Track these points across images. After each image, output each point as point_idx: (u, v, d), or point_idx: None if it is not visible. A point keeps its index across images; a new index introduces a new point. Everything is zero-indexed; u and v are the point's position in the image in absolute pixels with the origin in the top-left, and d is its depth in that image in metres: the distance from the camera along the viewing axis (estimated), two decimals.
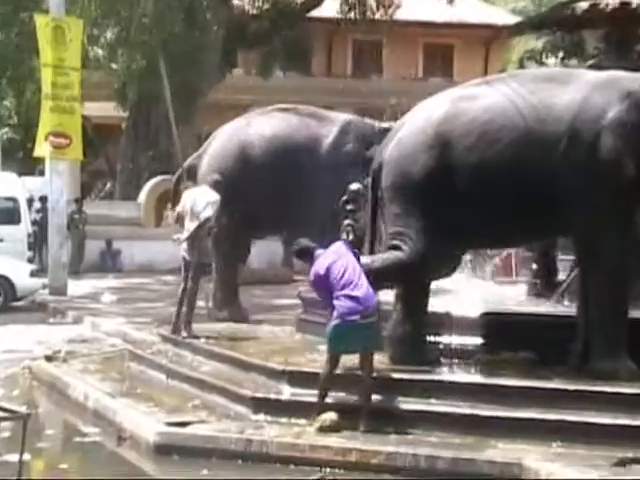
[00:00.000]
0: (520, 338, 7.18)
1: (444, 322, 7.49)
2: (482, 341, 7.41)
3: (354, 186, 8.86)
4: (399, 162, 7.31)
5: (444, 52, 29.12)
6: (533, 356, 7.16)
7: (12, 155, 26.75)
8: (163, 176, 20.51)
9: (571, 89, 7.03)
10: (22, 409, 5.71)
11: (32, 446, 6.37)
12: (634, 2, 9.11)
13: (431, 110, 7.40)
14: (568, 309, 7.60)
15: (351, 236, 8.22)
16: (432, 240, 7.05)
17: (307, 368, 7.26)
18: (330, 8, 23.92)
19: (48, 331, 12.52)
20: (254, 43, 23.50)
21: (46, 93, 15.86)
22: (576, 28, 10.63)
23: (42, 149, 16.07)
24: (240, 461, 6.46)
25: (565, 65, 12.35)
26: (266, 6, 23.58)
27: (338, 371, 6.82)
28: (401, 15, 24.29)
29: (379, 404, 6.75)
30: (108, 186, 26.01)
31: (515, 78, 7.43)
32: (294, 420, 6.83)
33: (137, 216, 21.17)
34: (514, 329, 7.25)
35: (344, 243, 7.26)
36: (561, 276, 8.61)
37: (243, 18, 23.44)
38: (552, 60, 14.49)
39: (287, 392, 7.10)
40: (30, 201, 19.06)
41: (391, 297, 7.44)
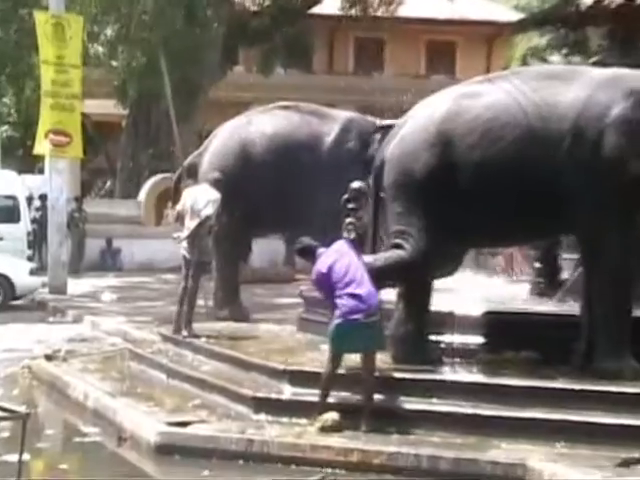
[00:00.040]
0: (523, 337, 7.15)
1: (446, 321, 7.46)
2: (485, 340, 7.38)
3: (356, 184, 8.82)
4: (401, 160, 7.29)
5: (446, 49, 29.06)
6: (536, 355, 7.13)
7: (12, 153, 26.72)
8: (163, 174, 20.50)
9: (575, 87, 7.00)
10: (21, 409, 5.68)
11: (32, 446, 6.34)
12: None
13: (433, 108, 7.37)
14: (571, 308, 7.56)
15: (353, 234, 8.18)
16: (434, 238, 7.03)
17: (308, 367, 7.23)
18: (331, 5, 23.90)
19: (48, 330, 12.49)
20: (255, 40, 23.45)
21: (46, 90, 15.83)
22: (580, 25, 10.61)
23: (42, 147, 16.04)
24: (241, 461, 6.43)
25: (569, 62, 12.30)
26: (267, 3, 23.56)
27: (340, 371, 6.79)
28: (403, 12, 24.28)
29: (381, 404, 6.72)
30: (108, 184, 25.99)
31: (518, 75, 7.40)
32: (295, 420, 6.79)
33: (137, 214, 21.16)
34: (517, 328, 7.22)
35: (346, 241, 7.23)
36: (564, 275, 8.59)
37: (244, 15, 23.39)
38: (555, 57, 14.44)
39: (288, 392, 7.07)
40: (30, 199, 19.05)
41: (393, 296, 7.41)
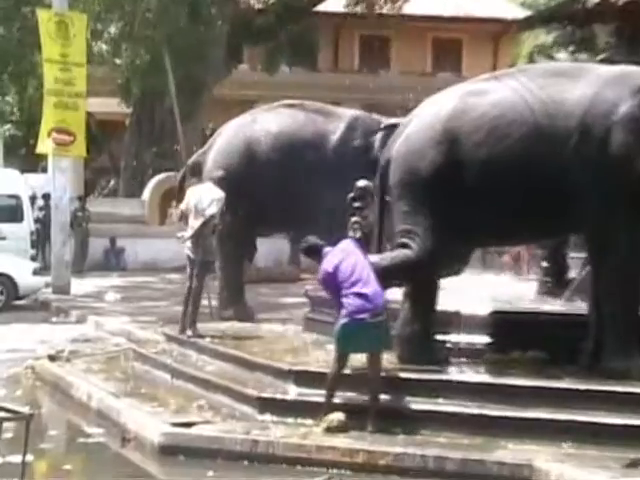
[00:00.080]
0: (530, 337, 7.12)
1: (453, 321, 7.42)
2: (491, 340, 7.34)
3: (361, 183, 8.79)
4: (407, 158, 7.26)
5: (452, 47, 29.00)
6: (543, 355, 7.09)
7: (14, 152, 26.73)
8: (167, 173, 20.47)
9: (582, 84, 6.96)
10: (25, 409, 5.68)
11: (35, 447, 6.33)
12: None
13: (439, 106, 7.34)
14: (579, 307, 7.53)
15: (359, 233, 8.16)
16: (441, 238, 6.99)
17: (314, 368, 7.20)
18: (337, 2, 23.85)
19: (51, 330, 12.48)
20: (260, 38, 23.40)
21: (49, 89, 15.80)
22: (587, 22, 10.59)
23: (45, 146, 16.00)
24: (246, 462, 6.40)
25: (575, 60, 12.27)
26: (272, 0, 23.49)
27: (346, 371, 6.75)
28: (408, 9, 24.18)
29: (387, 404, 6.69)
30: (112, 183, 25.97)
31: (524, 73, 7.38)
32: (301, 420, 6.77)
33: (141, 214, 21.14)
34: (524, 328, 7.20)
35: (352, 240, 7.21)
36: (572, 274, 8.55)
37: (248, 13, 23.35)
38: (562, 55, 14.40)
39: (293, 392, 7.04)
40: (33, 198, 19.05)
41: (399, 295, 7.36)
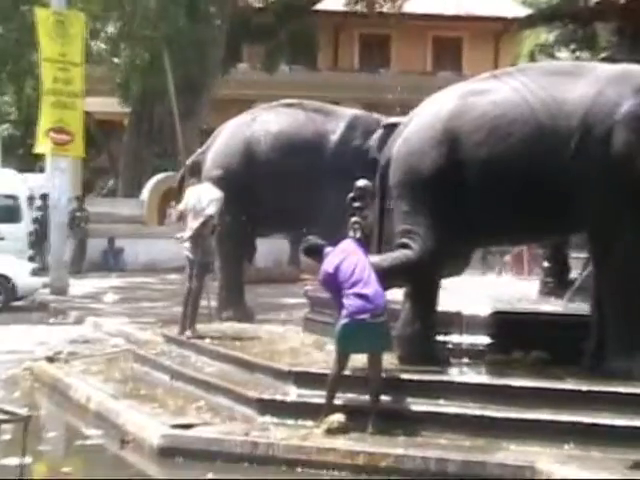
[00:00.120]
0: (532, 338, 7.09)
1: (454, 321, 7.40)
2: (493, 341, 7.32)
3: (361, 183, 8.77)
4: (407, 159, 7.24)
5: (453, 46, 28.97)
6: (545, 356, 7.06)
7: (12, 152, 26.71)
8: (167, 173, 20.45)
9: (583, 83, 6.94)
10: (23, 411, 5.75)
11: (33, 449, 6.29)
12: None
13: (439, 105, 7.33)
14: (581, 308, 7.50)
15: (359, 233, 8.14)
16: (442, 238, 6.97)
17: (314, 369, 7.17)
18: (336, 1, 23.86)
19: (49, 331, 12.48)
20: (259, 37, 23.41)
21: (47, 88, 15.78)
22: (588, 21, 10.58)
23: (43, 146, 15.98)
24: (246, 464, 6.37)
25: (577, 58, 12.26)
26: None
27: (346, 372, 6.72)
28: (409, 8, 24.13)
29: (388, 405, 6.66)
30: (110, 183, 25.98)
31: (525, 72, 7.35)
32: (301, 422, 6.74)
33: (140, 214, 21.12)
34: (526, 328, 7.17)
35: (353, 240, 7.20)
36: (573, 274, 8.53)
37: (248, 11, 23.35)
38: (564, 53, 14.38)
39: (294, 393, 7.01)
40: (31, 199, 19.01)
41: (400, 296, 7.34)
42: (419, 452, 6.11)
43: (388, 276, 6.82)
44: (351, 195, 8.97)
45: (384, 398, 6.65)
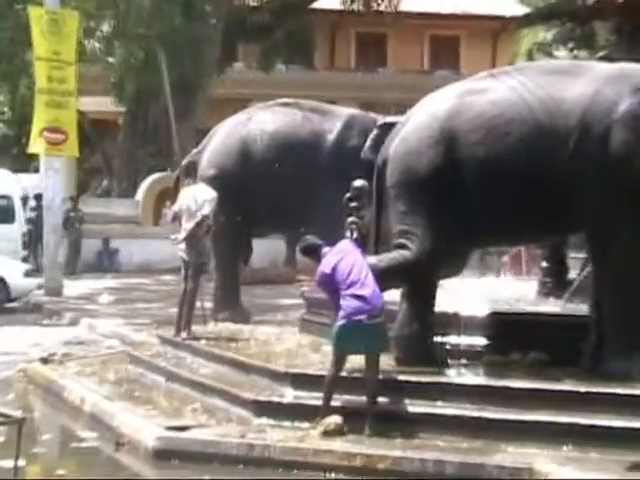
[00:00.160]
0: (530, 338, 7.07)
1: (452, 322, 7.38)
2: (490, 342, 7.29)
3: (358, 183, 8.74)
4: (404, 158, 7.21)
5: (450, 44, 28.95)
6: (543, 357, 7.03)
7: (6, 151, 26.70)
8: (162, 173, 20.41)
9: (581, 82, 6.92)
10: (17, 413, 5.76)
11: (27, 451, 6.28)
12: None
13: (437, 105, 7.31)
14: (579, 308, 7.47)
15: (355, 234, 8.11)
16: (439, 238, 6.95)
17: (311, 370, 7.15)
18: None
19: (43, 333, 12.46)
20: (255, 36, 23.37)
21: (41, 87, 15.72)
22: (587, 19, 10.58)
23: (37, 145, 15.92)
24: (242, 466, 6.34)
25: (575, 57, 12.26)
26: None
27: (343, 373, 6.69)
28: (405, 6, 24.11)
29: (385, 407, 6.63)
30: (105, 183, 25.93)
31: (522, 71, 7.34)
32: (297, 424, 6.70)
33: (135, 214, 21.08)
34: (524, 329, 7.14)
35: (351, 241, 7.18)
36: (572, 274, 8.51)
37: (243, 10, 23.31)
38: (562, 52, 14.39)
39: (290, 395, 6.98)
40: (25, 199, 18.97)
41: (397, 296, 7.31)
42: (417, 454, 6.08)
43: (385, 277, 6.80)
44: (348, 195, 8.95)
45: (381, 399, 6.62)
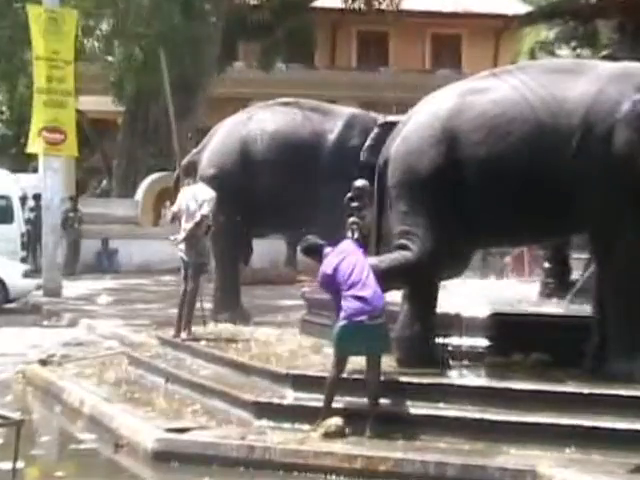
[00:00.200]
0: (532, 339, 7.04)
1: (453, 323, 7.35)
2: (493, 343, 7.26)
3: (359, 182, 8.72)
4: (406, 158, 7.18)
5: (452, 43, 28.92)
6: (546, 358, 7.00)
7: (5, 151, 26.68)
8: (161, 173, 20.36)
9: (584, 81, 6.89)
10: (15, 415, 5.74)
11: (26, 453, 6.28)
12: None
13: (438, 104, 7.28)
14: (582, 309, 7.44)
15: (356, 234, 8.09)
16: (441, 239, 6.92)
17: (312, 371, 7.13)
18: None
19: (42, 334, 12.45)
20: (255, 34, 23.32)
21: (39, 87, 15.69)
22: (589, 18, 10.55)
23: (36, 145, 15.89)
24: (242, 468, 6.33)
25: (578, 56, 12.25)
26: None
27: (344, 374, 6.66)
28: (407, 5, 24.09)
29: (386, 408, 6.60)
30: (104, 183, 25.90)
31: (524, 70, 7.32)
32: (298, 425, 6.68)
33: (134, 214, 21.05)
34: (526, 330, 7.11)
35: (352, 241, 7.17)
36: (574, 275, 8.49)
37: (243, 8, 23.28)
38: (564, 51, 14.36)
39: (291, 396, 6.96)
40: (23, 199, 18.93)
41: (398, 297, 7.28)
42: (418, 456, 6.06)
43: (386, 278, 6.76)
44: (349, 195, 8.92)
45: (383, 401, 6.59)
